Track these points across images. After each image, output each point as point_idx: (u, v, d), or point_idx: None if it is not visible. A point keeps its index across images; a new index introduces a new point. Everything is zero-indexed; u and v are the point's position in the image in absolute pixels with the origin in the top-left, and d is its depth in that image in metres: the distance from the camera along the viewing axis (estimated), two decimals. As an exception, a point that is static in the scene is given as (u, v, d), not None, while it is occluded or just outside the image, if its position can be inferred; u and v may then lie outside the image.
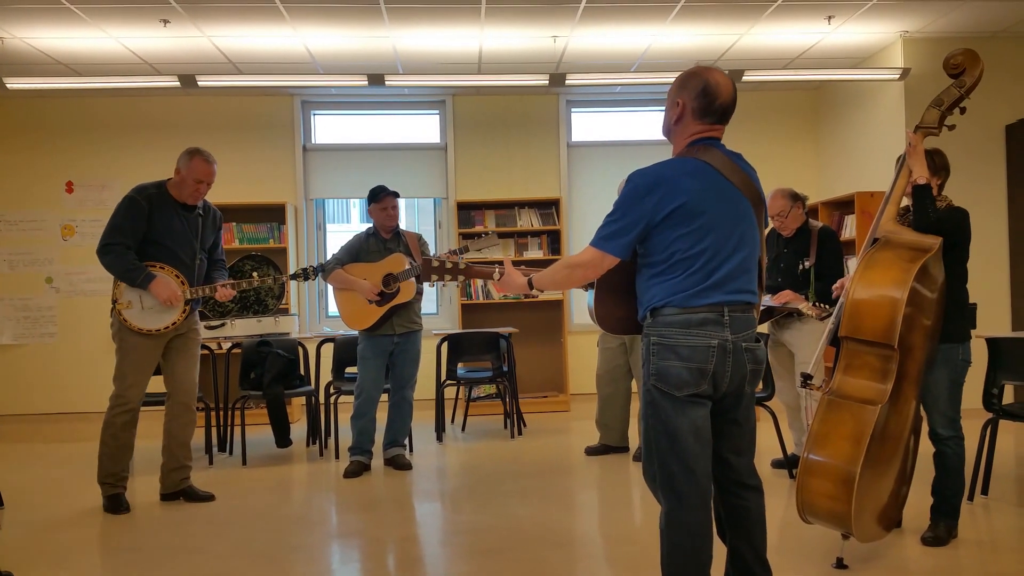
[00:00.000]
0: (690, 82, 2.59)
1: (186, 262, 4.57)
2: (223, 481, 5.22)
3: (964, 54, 3.44)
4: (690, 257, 2.48)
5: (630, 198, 2.54)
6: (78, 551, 3.91)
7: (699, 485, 2.50)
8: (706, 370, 2.47)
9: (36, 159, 8.01)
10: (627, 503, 4.62)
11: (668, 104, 2.66)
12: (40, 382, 7.86)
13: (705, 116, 2.59)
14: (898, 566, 3.41)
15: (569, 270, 2.63)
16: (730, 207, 2.54)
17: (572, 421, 7.25)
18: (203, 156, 4.56)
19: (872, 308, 3.22)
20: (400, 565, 3.66)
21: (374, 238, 5.43)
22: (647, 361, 2.54)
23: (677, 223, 2.48)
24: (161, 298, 4.43)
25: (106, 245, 4.46)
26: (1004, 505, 4.29)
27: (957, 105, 3.46)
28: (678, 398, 2.48)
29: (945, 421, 3.61)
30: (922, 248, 3.28)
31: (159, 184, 4.58)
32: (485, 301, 7.97)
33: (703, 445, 2.52)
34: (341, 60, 7.16)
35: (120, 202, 4.51)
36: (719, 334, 2.48)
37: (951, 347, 3.56)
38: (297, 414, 7.55)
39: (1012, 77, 6.93)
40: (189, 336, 4.68)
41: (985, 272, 6.88)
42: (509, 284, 2.82)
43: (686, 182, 2.50)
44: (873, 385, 3.23)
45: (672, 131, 2.68)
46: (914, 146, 3.48)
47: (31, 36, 6.35)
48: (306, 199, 8.26)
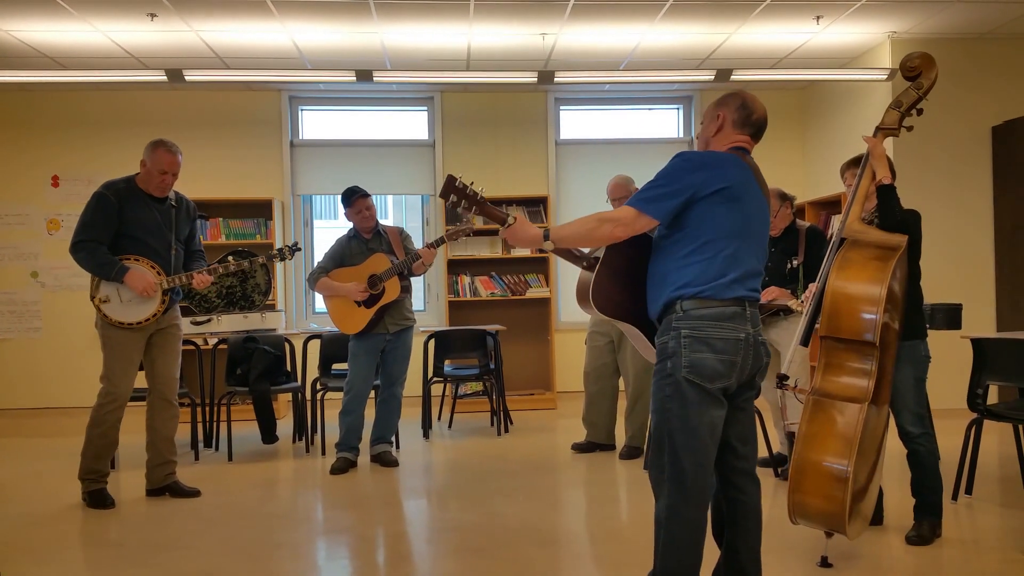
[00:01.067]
0: (730, 99, 2.78)
1: (161, 253, 4.54)
2: (209, 477, 5.20)
3: (920, 57, 3.52)
4: (721, 242, 2.56)
5: (679, 169, 2.59)
6: (62, 546, 3.89)
7: (705, 482, 2.58)
8: (736, 362, 2.56)
9: (21, 153, 7.95)
10: (614, 501, 4.63)
11: (708, 119, 2.79)
12: (25, 377, 7.80)
13: (744, 127, 2.74)
14: (882, 565, 3.42)
15: (598, 223, 2.60)
16: (760, 208, 2.67)
17: (559, 419, 7.25)
18: (167, 147, 4.49)
19: (850, 306, 3.25)
20: (386, 562, 3.65)
21: (356, 240, 5.42)
22: (676, 354, 2.55)
23: (718, 202, 2.56)
24: (137, 289, 4.39)
25: (78, 242, 4.43)
26: (988, 505, 4.31)
27: (915, 106, 3.54)
28: (708, 391, 2.53)
29: (914, 418, 3.64)
30: (891, 246, 3.33)
31: (128, 179, 4.54)
32: (472, 298, 7.97)
33: (715, 444, 2.60)
34: (329, 55, 7.13)
35: (89, 199, 4.47)
36: (744, 327, 2.58)
37: (913, 344, 3.62)
38: (283, 410, 7.53)
39: (999, 79, 6.96)
40: (170, 331, 4.65)
41: (970, 273, 6.92)
42: (520, 235, 2.70)
43: (732, 170, 2.61)
44: (856, 383, 3.26)
45: (710, 143, 2.77)
46: (875, 147, 3.54)
47: (17, 29, 6.30)
48: (293, 195, 8.23)
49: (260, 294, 6.72)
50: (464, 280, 7.99)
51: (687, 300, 2.54)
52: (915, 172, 6.81)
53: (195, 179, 8.01)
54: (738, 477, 2.72)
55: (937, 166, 6.93)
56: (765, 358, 2.68)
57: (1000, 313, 6.92)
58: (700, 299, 2.54)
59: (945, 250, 6.77)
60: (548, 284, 8.04)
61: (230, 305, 6.24)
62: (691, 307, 2.54)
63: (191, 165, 7.98)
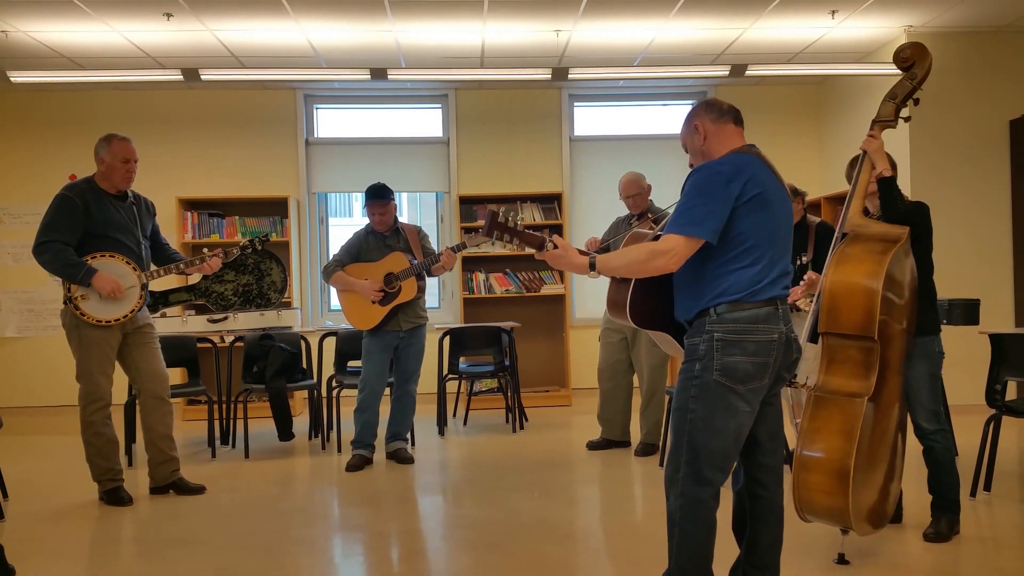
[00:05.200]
0: (693, 112, 2.76)
1: (134, 250, 4.53)
2: (225, 474, 5.23)
3: (912, 47, 3.53)
4: (758, 248, 2.54)
5: (713, 184, 2.54)
6: (81, 543, 3.92)
7: (717, 486, 2.58)
8: (768, 364, 2.55)
9: (40, 153, 8.01)
10: (628, 498, 4.62)
11: (687, 135, 2.77)
12: (43, 375, 7.88)
13: (723, 117, 2.71)
14: (900, 561, 3.41)
15: (650, 256, 2.54)
16: (785, 206, 2.65)
17: (574, 416, 7.25)
18: (118, 137, 4.50)
19: (848, 301, 3.24)
20: (401, 558, 3.66)
21: (373, 236, 5.42)
22: (707, 355, 2.54)
23: (752, 210, 2.54)
24: (104, 291, 4.34)
25: (42, 244, 4.37)
26: (1006, 501, 4.28)
27: (911, 97, 3.55)
28: (740, 392, 2.53)
29: (928, 415, 3.62)
30: (891, 238, 3.31)
31: (87, 179, 4.53)
32: (487, 295, 7.97)
33: (738, 448, 2.62)
34: (344, 54, 7.15)
35: (51, 201, 4.44)
36: (778, 327, 2.57)
37: (927, 340, 3.59)
38: (299, 407, 7.56)
39: (1017, 72, 6.90)
40: (145, 330, 4.62)
41: (989, 268, 6.86)
42: (563, 262, 2.69)
43: (759, 173, 2.59)
44: (857, 378, 3.25)
45: (704, 153, 2.72)
46: (870, 143, 3.53)
47: (35, 30, 6.35)
48: (308, 193, 8.25)
49: (276, 292, 6.74)
50: (479, 277, 7.99)
51: (722, 305, 2.54)
52: (933, 166, 6.76)
53: (211, 177, 8.09)
54: (764, 473, 2.73)
55: (955, 160, 6.87)
56: (796, 354, 2.67)
57: (1019, 308, 6.86)
58: (735, 303, 2.53)
59: (963, 245, 6.72)
60: (563, 281, 8.03)
61: (246, 303, 6.26)
62: (726, 311, 2.53)
63: (207, 164, 8.11)
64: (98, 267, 4.38)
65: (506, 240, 2.71)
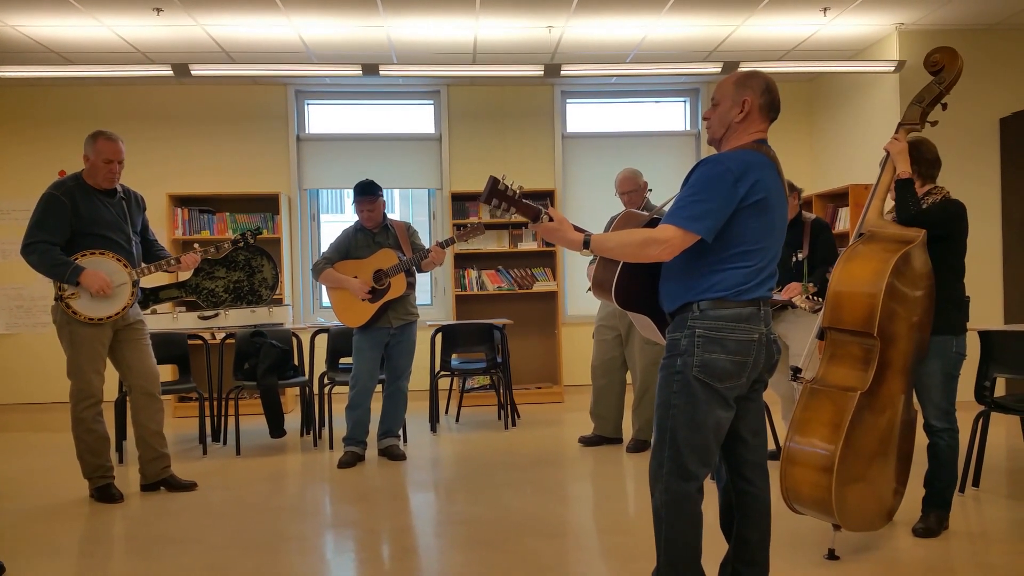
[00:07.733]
0: (750, 81, 2.64)
1: (124, 247, 4.50)
2: (217, 471, 5.22)
3: (942, 52, 3.54)
4: (753, 251, 2.53)
5: (720, 180, 2.49)
6: (71, 540, 3.91)
7: (701, 479, 2.59)
8: (747, 363, 2.55)
9: (28, 148, 7.97)
10: (621, 494, 4.63)
11: (727, 103, 2.64)
12: (33, 371, 7.86)
13: (769, 113, 2.66)
14: (889, 557, 3.42)
15: (645, 243, 2.51)
16: (783, 209, 2.63)
17: (566, 412, 7.26)
18: (105, 135, 4.45)
19: (851, 298, 3.27)
20: (393, 555, 3.66)
21: (362, 232, 5.42)
22: (688, 351, 2.53)
23: (753, 214, 2.51)
24: (92, 289, 4.31)
25: (30, 244, 4.33)
26: (995, 497, 4.31)
27: (938, 102, 3.55)
28: (717, 390, 2.53)
29: (939, 413, 3.63)
30: (904, 240, 3.35)
31: (75, 176, 4.49)
32: (479, 292, 7.97)
33: (718, 443, 2.62)
34: (335, 49, 7.13)
35: (39, 200, 4.40)
36: (758, 328, 2.56)
37: (944, 339, 3.58)
38: (291, 404, 7.55)
39: (1007, 70, 6.93)
40: (135, 326, 4.60)
41: (978, 265, 6.85)
42: (558, 236, 2.64)
43: (767, 177, 2.55)
44: (854, 373, 3.28)
45: (734, 129, 2.64)
46: (894, 146, 3.55)
47: (23, 24, 6.31)
48: (300, 189, 8.24)
49: (267, 288, 6.73)
50: (471, 274, 7.99)
51: (706, 301, 2.53)
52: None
53: (201, 174, 8.07)
54: (748, 469, 2.73)
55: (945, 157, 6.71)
56: (776, 355, 2.67)
57: (1008, 305, 6.89)
58: (719, 300, 2.52)
59: (953, 242, 6.74)
60: (555, 278, 8.03)
61: (237, 300, 6.25)
62: (709, 307, 2.52)
63: (197, 160, 8.08)
64: (88, 265, 4.35)
65: (503, 208, 2.67)
